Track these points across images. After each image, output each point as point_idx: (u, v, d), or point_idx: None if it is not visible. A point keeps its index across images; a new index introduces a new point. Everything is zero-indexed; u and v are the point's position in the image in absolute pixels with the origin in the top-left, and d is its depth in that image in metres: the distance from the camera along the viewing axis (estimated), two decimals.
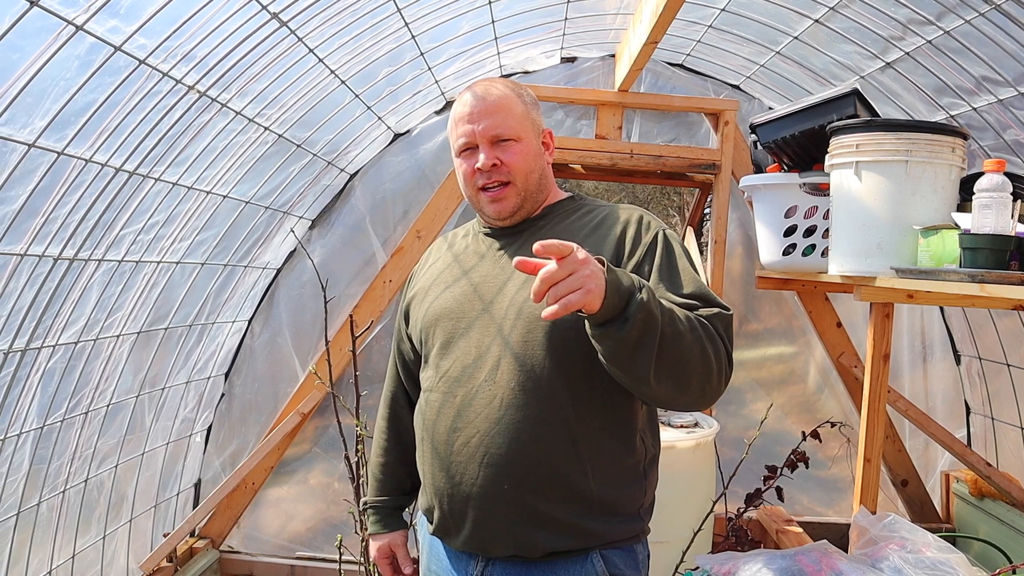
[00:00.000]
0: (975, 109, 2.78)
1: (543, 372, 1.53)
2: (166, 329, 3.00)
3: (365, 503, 1.96)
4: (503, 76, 3.61)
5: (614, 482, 1.56)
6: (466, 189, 1.70)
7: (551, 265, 1.22)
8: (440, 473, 1.60)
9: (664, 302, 1.37)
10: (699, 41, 3.40)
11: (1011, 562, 2.59)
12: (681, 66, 3.68)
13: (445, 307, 1.67)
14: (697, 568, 2.26)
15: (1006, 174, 1.92)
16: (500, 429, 1.53)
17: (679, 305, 1.45)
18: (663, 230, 1.62)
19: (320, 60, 2.67)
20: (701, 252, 3.62)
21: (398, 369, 1.92)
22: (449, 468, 1.58)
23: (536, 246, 1.21)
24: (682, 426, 2.98)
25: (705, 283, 1.59)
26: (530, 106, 1.69)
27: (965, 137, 2.27)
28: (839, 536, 3.20)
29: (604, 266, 1.28)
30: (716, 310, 1.49)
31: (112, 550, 3.01)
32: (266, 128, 2.77)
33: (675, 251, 1.58)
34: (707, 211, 3.88)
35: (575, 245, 1.23)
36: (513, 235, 1.70)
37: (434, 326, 1.67)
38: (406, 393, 1.91)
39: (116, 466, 2.94)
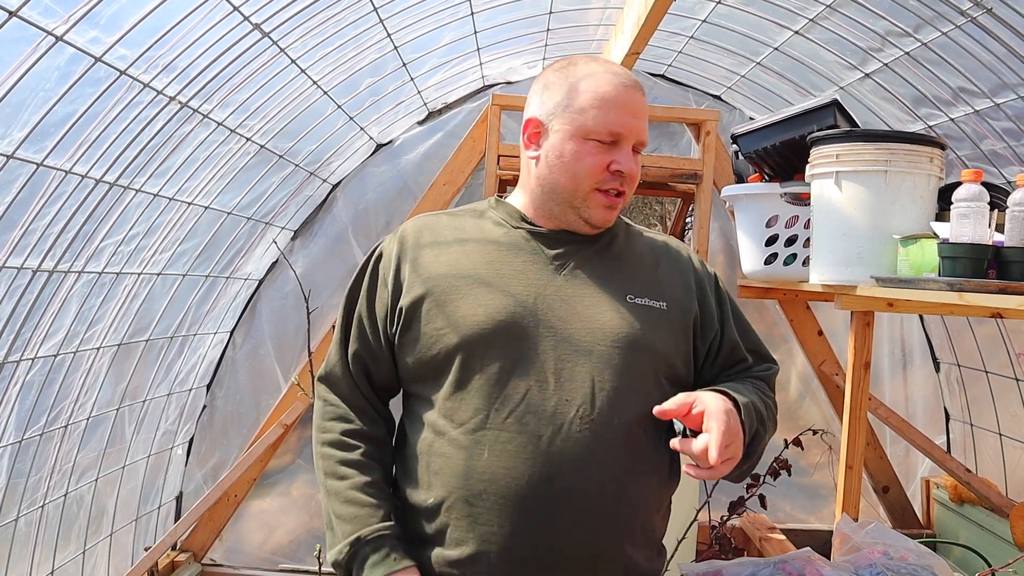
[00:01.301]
0: (952, 119, 2.82)
1: (637, 405, 1.35)
2: (147, 341, 2.98)
3: (358, 540, 1.34)
4: (486, 87, 3.62)
5: (665, 518, 1.49)
6: (582, 181, 1.38)
7: (721, 437, 1.24)
8: (517, 532, 1.29)
9: (756, 401, 1.40)
10: (681, 52, 3.42)
11: (990, 566, 2.61)
12: (663, 76, 3.70)
13: (501, 318, 1.34)
14: None
15: (983, 184, 1.94)
16: (610, 477, 1.32)
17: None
18: (715, 271, 1.59)
19: (302, 71, 2.67)
20: None
21: (353, 381, 1.45)
22: (537, 526, 1.29)
23: (719, 441, 1.23)
24: None
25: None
26: None
27: (943, 147, 2.30)
28: (822, 543, 3.21)
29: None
30: (769, 367, 1.54)
31: (92, 565, 2.98)
32: (248, 139, 2.76)
33: (731, 296, 1.57)
34: (689, 220, 3.90)
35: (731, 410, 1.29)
36: (572, 243, 1.43)
37: (486, 342, 1.33)
38: (370, 405, 1.47)
39: (96, 480, 2.91)
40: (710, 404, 1.27)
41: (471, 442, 1.31)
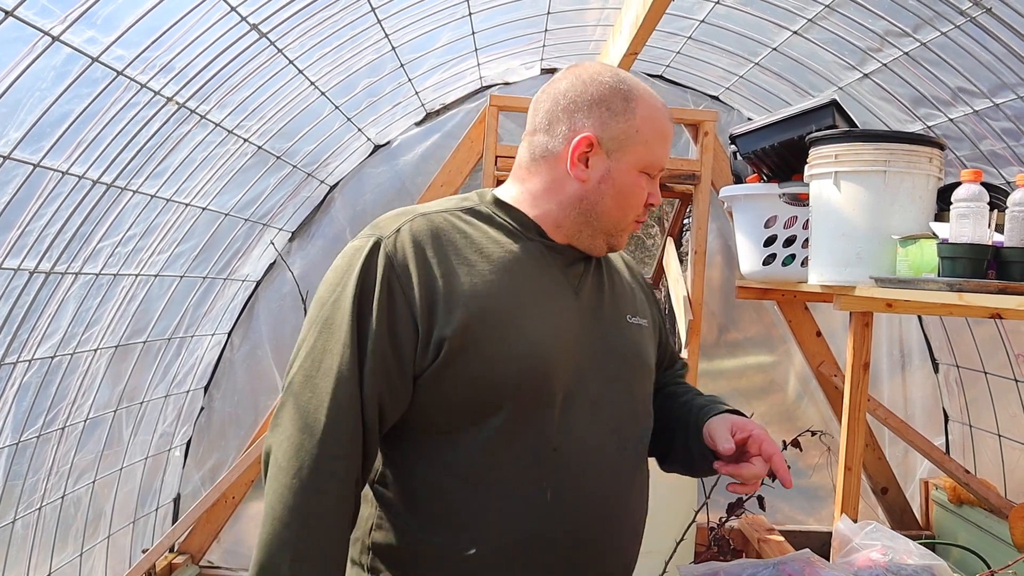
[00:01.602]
0: (951, 120, 2.81)
1: (649, 424, 1.40)
2: (144, 343, 2.97)
3: None
4: (484, 88, 3.62)
5: None
6: (628, 213, 1.32)
7: (783, 460, 1.29)
8: (575, 569, 1.26)
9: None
10: (679, 52, 3.42)
11: (989, 567, 2.60)
12: (661, 77, 3.70)
13: (553, 350, 1.24)
14: None
15: (983, 184, 1.94)
16: (644, 497, 1.39)
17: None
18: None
19: (300, 71, 2.66)
20: (681, 262, 3.63)
21: (362, 426, 1.19)
22: (596, 559, 1.28)
23: (784, 463, 1.28)
24: None
25: None
26: None
27: (942, 147, 2.30)
28: (821, 544, 3.21)
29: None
30: (684, 366, 1.61)
31: (90, 567, 2.97)
32: (245, 140, 2.76)
33: None
34: (687, 221, 3.89)
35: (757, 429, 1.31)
36: (579, 261, 1.35)
37: (542, 376, 1.22)
38: (364, 460, 1.21)
39: (94, 482, 2.90)
40: (754, 429, 1.30)
41: (528, 484, 1.21)
